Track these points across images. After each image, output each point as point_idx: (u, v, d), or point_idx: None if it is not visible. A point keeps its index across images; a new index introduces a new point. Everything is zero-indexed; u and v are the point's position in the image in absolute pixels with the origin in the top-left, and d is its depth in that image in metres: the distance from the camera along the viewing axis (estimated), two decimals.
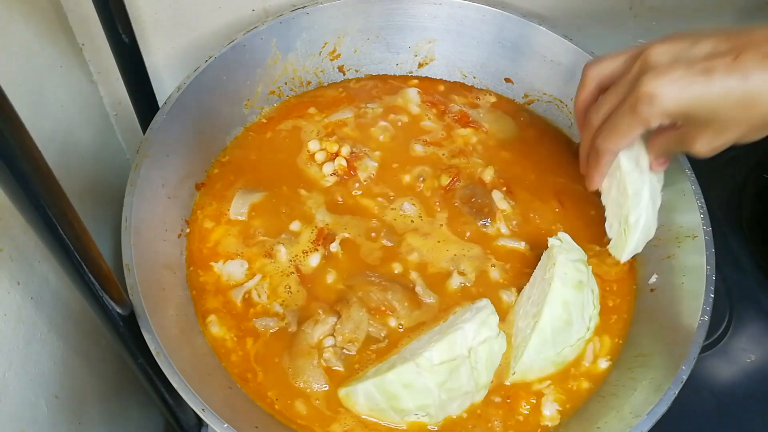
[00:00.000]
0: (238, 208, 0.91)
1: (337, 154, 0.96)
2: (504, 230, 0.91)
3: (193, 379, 0.69)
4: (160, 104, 0.99)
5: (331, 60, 1.05)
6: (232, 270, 0.86)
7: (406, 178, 0.95)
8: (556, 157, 1.00)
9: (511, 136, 1.03)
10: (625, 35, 1.19)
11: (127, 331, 0.69)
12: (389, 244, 0.88)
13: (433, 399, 0.74)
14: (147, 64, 0.95)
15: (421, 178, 0.95)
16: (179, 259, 0.86)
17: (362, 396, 0.75)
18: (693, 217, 0.85)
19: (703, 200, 0.86)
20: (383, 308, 0.82)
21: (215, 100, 0.94)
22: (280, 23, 0.97)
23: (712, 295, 0.78)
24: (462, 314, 0.80)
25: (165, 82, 1.10)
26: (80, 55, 1.03)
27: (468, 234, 0.90)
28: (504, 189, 0.94)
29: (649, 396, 0.72)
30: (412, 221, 0.91)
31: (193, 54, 1.09)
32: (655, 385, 0.73)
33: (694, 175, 0.88)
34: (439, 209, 0.92)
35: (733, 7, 1.18)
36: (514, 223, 0.92)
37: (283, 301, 0.83)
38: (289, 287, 0.84)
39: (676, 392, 0.71)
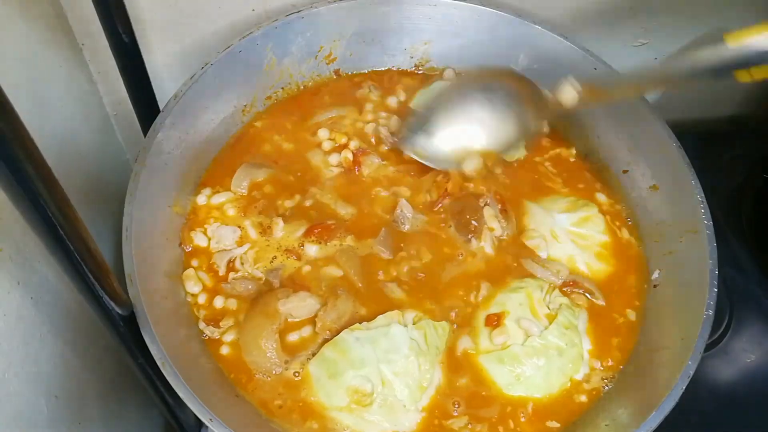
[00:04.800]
0: (240, 180, 0.91)
1: (344, 147, 0.96)
2: (488, 249, 0.89)
3: (198, 388, 0.69)
4: (160, 104, 0.99)
5: (327, 64, 1.05)
6: (223, 234, 0.87)
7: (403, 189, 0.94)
8: None
9: None
10: (625, 35, 1.19)
11: (126, 331, 0.68)
12: (388, 244, 0.88)
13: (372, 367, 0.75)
14: (147, 64, 0.94)
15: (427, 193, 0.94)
16: (179, 267, 0.86)
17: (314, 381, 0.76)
18: (694, 212, 0.85)
19: (702, 195, 0.86)
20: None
21: (213, 107, 0.94)
22: (275, 28, 0.96)
23: (716, 289, 0.78)
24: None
25: (165, 82, 1.10)
26: (80, 55, 1.03)
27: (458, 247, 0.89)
28: (499, 207, 0.92)
29: (657, 391, 0.73)
30: (412, 225, 0.90)
31: (194, 53, 1.09)
32: (663, 381, 0.73)
33: (693, 170, 0.88)
34: (435, 223, 0.91)
35: (733, 7, 1.18)
36: (503, 241, 0.90)
37: (267, 268, 0.84)
38: (277, 259, 0.85)
39: (684, 387, 0.71)
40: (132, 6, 0.91)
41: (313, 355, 0.78)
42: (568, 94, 0.70)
